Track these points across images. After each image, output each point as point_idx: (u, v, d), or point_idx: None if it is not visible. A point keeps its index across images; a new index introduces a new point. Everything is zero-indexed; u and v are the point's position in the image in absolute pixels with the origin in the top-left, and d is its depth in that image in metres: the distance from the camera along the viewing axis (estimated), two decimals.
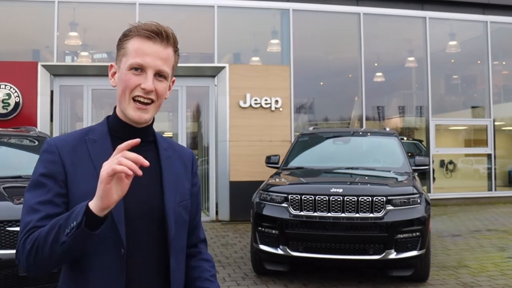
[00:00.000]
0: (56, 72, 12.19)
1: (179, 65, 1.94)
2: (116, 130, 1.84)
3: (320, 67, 15.74)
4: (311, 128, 10.11)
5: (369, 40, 14.62)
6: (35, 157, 7.04)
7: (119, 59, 1.82)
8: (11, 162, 7.26)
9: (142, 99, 1.76)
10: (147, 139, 1.87)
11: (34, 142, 7.58)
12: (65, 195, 1.72)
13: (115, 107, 1.88)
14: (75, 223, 1.51)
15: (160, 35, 1.76)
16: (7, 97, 11.52)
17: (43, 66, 11.88)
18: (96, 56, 14.65)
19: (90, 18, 13.81)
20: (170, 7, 13.73)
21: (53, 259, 1.59)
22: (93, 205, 1.52)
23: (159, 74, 1.77)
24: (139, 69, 1.75)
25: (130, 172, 1.47)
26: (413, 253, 6.64)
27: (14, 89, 11.56)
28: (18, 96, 11.57)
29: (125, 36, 1.82)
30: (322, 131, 10.03)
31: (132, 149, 1.56)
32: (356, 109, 14.91)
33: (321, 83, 16.02)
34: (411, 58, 15.97)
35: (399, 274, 6.89)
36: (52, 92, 12.16)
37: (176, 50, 1.85)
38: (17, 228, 5.26)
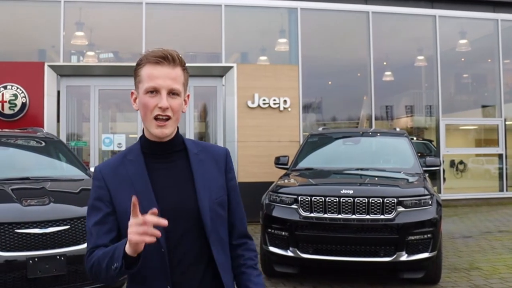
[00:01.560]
0: (62, 72, 12.16)
1: (186, 65, 2.10)
2: (147, 147, 2.13)
3: (328, 66, 15.64)
4: (320, 129, 10.08)
5: (378, 39, 14.51)
6: (42, 158, 7.11)
7: (136, 86, 2.10)
8: (19, 163, 7.24)
9: (160, 117, 2.02)
10: (176, 149, 2.15)
11: (41, 143, 7.55)
12: (112, 213, 2.06)
13: (143, 129, 2.17)
14: (116, 264, 1.86)
15: (166, 58, 2.02)
16: (13, 98, 11.50)
17: (50, 66, 11.84)
18: (102, 56, 14.61)
19: (96, 18, 13.77)
20: (177, 6, 13.67)
21: (109, 279, 1.98)
22: (127, 250, 1.84)
23: (172, 93, 2.03)
24: (153, 91, 2.01)
25: (154, 239, 1.80)
26: (425, 255, 6.58)
27: (20, 89, 11.53)
28: (25, 97, 11.54)
29: (138, 65, 2.08)
30: (332, 132, 9.97)
31: (164, 158, 2.09)
32: (365, 109, 14.81)
33: (329, 83, 15.93)
34: (421, 57, 15.85)
35: (410, 276, 6.83)
36: (58, 92, 12.12)
37: (184, 69, 2.09)
38: (26, 230, 5.26)
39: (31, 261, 5.18)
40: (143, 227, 1.77)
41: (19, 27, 13.39)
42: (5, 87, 11.52)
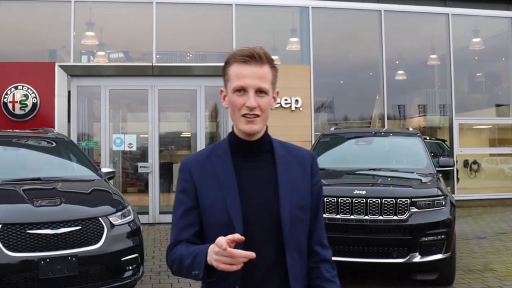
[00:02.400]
0: (73, 72, 12.18)
1: (197, 64, 2.15)
2: (235, 145, 2.14)
3: (340, 65, 15.58)
4: (332, 129, 10.01)
5: (390, 38, 14.43)
6: (53, 159, 7.12)
7: (225, 84, 2.12)
8: (30, 164, 7.25)
9: (248, 116, 2.03)
10: (263, 149, 2.14)
11: (52, 144, 7.56)
12: (195, 207, 2.09)
13: (233, 126, 2.17)
14: (197, 272, 1.92)
15: (253, 57, 2.03)
16: (24, 98, 11.53)
17: (61, 66, 11.86)
18: (113, 56, 14.62)
19: (107, 18, 13.78)
20: (188, 5, 13.66)
21: (186, 274, 2.02)
22: (210, 261, 1.86)
23: (259, 91, 2.03)
24: (241, 90, 2.03)
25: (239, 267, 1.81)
26: (438, 256, 6.53)
27: (31, 90, 11.57)
28: (36, 97, 11.57)
29: (226, 64, 2.10)
30: (344, 132, 9.91)
31: (251, 158, 2.11)
32: (377, 108, 14.73)
33: (341, 82, 15.86)
34: (434, 56, 15.73)
35: (424, 278, 6.78)
36: (69, 92, 12.14)
37: (272, 66, 2.09)
38: (37, 231, 5.26)
39: (42, 262, 5.18)
40: (230, 260, 1.79)
41: (29, 28, 13.43)
42: (16, 88, 11.56)
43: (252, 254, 1.80)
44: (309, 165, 2.20)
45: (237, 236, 1.80)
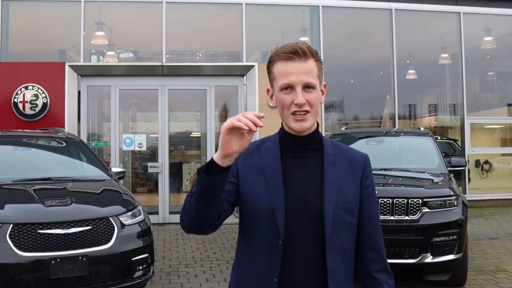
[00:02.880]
0: (83, 72, 12.21)
1: (206, 64, 2.16)
2: (284, 139, 2.11)
3: (350, 64, 15.52)
4: (343, 128, 9.97)
5: (401, 37, 14.36)
6: (64, 159, 7.15)
7: (271, 83, 2.08)
8: (41, 164, 7.27)
9: (298, 113, 1.99)
10: (313, 146, 2.10)
11: (62, 143, 7.57)
12: (235, 183, 2.05)
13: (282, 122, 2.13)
14: (200, 172, 1.84)
15: (297, 53, 1.99)
16: (34, 98, 11.56)
17: (71, 66, 11.89)
18: (122, 56, 14.64)
19: (116, 17, 13.81)
20: (197, 5, 13.66)
21: (192, 210, 1.91)
22: (216, 155, 1.83)
23: (307, 86, 1.99)
24: (288, 88, 1.99)
25: (246, 128, 1.75)
26: (450, 257, 6.48)
27: (41, 90, 11.60)
28: (46, 97, 11.60)
29: (270, 62, 2.06)
30: (354, 131, 9.86)
31: (300, 153, 2.07)
32: (388, 108, 14.66)
33: (351, 81, 15.80)
34: (445, 55, 15.63)
35: (436, 279, 6.72)
36: (79, 92, 12.17)
37: (317, 59, 2.06)
38: (48, 231, 5.27)
39: (53, 262, 5.19)
40: (237, 116, 1.80)
41: (39, 28, 13.49)
42: (26, 88, 11.59)
43: (260, 123, 1.77)
44: (361, 167, 2.13)
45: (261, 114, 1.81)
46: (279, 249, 1.98)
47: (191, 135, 14.41)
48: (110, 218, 5.70)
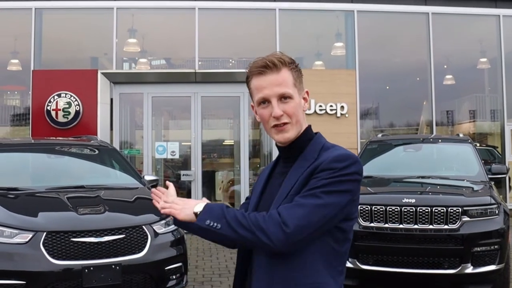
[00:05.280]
0: (115, 79, 12.29)
1: (239, 70, 2.15)
2: (278, 151, 2.17)
3: (386, 70, 15.31)
4: (379, 135, 9.88)
5: (438, 41, 14.09)
6: (97, 166, 7.19)
7: (253, 99, 2.11)
8: (74, 171, 7.30)
9: (278, 126, 2.02)
10: (295, 154, 2.07)
11: (95, 151, 7.60)
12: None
13: None
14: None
15: (267, 66, 2.01)
16: (67, 106, 11.67)
17: (103, 74, 11.98)
18: (154, 63, 14.69)
19: (149, 24, 13.86)
20: (230, 11, 13.62)
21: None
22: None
23: (283, 97, 2.01)
24: (265, 102, 2.03)
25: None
26: (491, 267, 6.35)
27: (74, 97, 11.71)
28: (79, 105, 11.70)
29: (247, 79, 2.11)
30: (391, 138, 9.73)
31: (286, 164, 2.09)
32: (425, 114, 14.41)
33: (387, 87, 15.58)
34: (484, 59, 15.27)
35: None
36: (111, 100, 12.24)
37: (291, 68, 2.05)
38: (81, 239, 5.28)
39: (86, 270, 5.20)
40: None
41: (72, 35, 13.61)
42: (59, 95, 11.72)
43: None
44: (318, 165, 1.97)
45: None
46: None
47: (224, 143, 14.37)
48: (144, 227, 5.69)
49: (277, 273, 1.96)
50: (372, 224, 6.56)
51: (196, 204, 1.98)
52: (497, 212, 6.55)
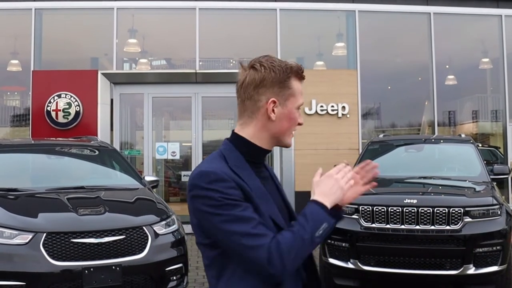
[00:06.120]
0: (116, 80, 12.26)
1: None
2: (250, 155, 2.06)
3: (388, 70, 15.29)
4: (381, 136, 9.90)
5: (440, 41, 14.05)
6: (97, 167, 7.19)
7: (285, 97, 2.03)
8: (74, 172, 7.29)
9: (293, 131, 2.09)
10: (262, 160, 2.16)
11: (95, 152, 7.60)
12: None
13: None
14: (325, 225, 1.92)
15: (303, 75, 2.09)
16: (67, 107, 11.64)
17: (103, 74, 11.96)
18: (155, 63, 14.67)
19: (149, 25, 13.82)
20: (231, 11, 13.59)
21: (313, 248, 1.97)
22: (330, 203, 1.98)
23: None
24: (299, 108, 2.08)
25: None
26: (494, 268, 6.33)
27: (74, 98, 11.67)
28: (79, 105, 11.67)
29: (287, 75, 2.03)
30: (393, 139, 9.73)
31: (259, 169, 2.09)
32: (427, 114, 14.38)
33: (389, 87, 15.55)
34: (486, 59, 15.23)
35: None
36: (112, 100, 12.22)
37: None
38: (82, 240, 5.24)
39: (86, 271, 5.19)
40: (361, 175, 2.11)
41: (72, 36, 13.57)
42: (59, 96, 11.68)
43: (376, 164, 2.11)
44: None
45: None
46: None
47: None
48: (144, 228, 5.67)
49: None
50: (373, 225, 6.54)
51: None
52: (499, 212, 6.53)
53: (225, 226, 1.86)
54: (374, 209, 6.54)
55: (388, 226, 6.49)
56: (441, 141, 9.38)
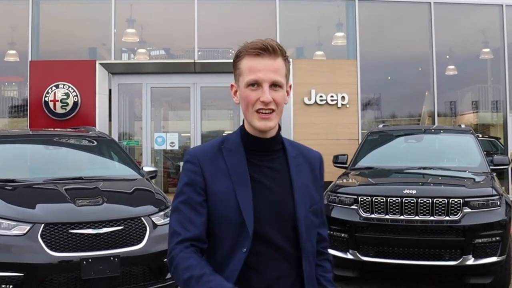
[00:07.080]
0: (114, 70, 12.23)
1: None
2: (246, 141, 2.05)
3: (388, 60, 15.24)
4: (380, 126, 9.89)
5: (440, 31, 14.01)
6: (95, 158, 7.14)
7: (236, 79, 2.06)
8: (72, 163, 7.28)
9: (263, 111, 1.96)
10: (275, 148, 2.07)
11: (93, 142, 7.58)
12: (203, 202, 1.98)
13: (243, 120, 2.08)
14: None
15: (267, 50, 1.96)
16: (65, 97, 11.60)
17: (101, 64, 11.92)
18: (153, 53, 14.63)
19: (148, 14, 13.75)
20: (230, 0, 13.59)
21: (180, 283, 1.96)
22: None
23: (274, 85, 1.97)
24: (255, 84, 1.96)
25: None
26: (493, 259, 6.33)
27: (72, 88, 11.64)
28: (77, 96, 11.64)
29: (237, 57, 2.03)
30: (392, 129, 9.74)
31: (263, 155, 2.02)
32: (427, 105, 14.37)
33: (389, 78, 15.51)
34: (486, 49, 15.19)
35: (477, 282, 6.56)
36: (110, 91, 12.18)
37: (285, 59, 2.03)
38: (80, 231, 5.25)
39: (85, 262, 5.17)
40: None
41: (69, 26, 13.50)
42: (57, 86, 11.64)
43: None
44: (318, 167, 2.16)
45: None
46: (242, 256, 1.93)
47: (223, 134, 14.34)
48: (142, 218, 5.66)
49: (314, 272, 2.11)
50: (372, 216, 6.54)
51: None
52: (498, 203, 6.53)
53: (173, 201, 2.08)
54: (373, 199, 6.54)
55: (387, 216, 6.48)
56: (441, 131, 9.41)
